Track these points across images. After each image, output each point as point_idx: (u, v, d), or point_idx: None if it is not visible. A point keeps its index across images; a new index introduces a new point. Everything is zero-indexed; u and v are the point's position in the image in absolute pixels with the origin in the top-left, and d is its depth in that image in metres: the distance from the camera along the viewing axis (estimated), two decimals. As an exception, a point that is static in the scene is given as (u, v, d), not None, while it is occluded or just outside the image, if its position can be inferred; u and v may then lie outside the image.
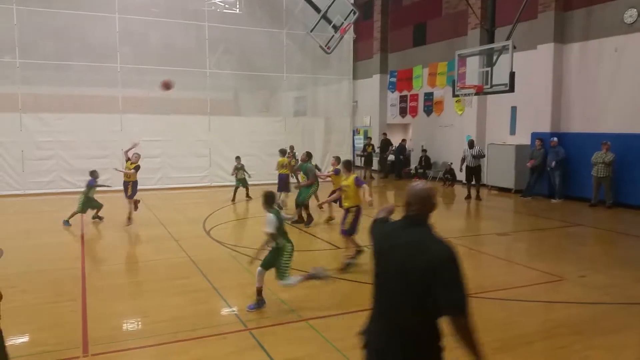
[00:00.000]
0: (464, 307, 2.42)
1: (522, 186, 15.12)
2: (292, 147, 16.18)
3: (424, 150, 19.76)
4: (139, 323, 5.56)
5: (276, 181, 13.84)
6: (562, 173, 14.03)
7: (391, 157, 21.37)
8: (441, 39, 19.19)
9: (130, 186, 10.99)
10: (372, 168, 21.48)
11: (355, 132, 23.11)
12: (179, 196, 15.59)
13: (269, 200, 5.78)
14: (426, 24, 20.22)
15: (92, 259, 8.23)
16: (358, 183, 7.65)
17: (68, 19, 16.01)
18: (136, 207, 11.18)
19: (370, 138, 21.87)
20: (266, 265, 5.79)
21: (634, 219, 11.77)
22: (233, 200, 14.26)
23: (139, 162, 11.11)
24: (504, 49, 12.14)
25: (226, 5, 19.06)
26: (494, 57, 12.52)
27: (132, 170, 10.86)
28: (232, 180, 15.30)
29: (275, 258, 5.76)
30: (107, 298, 6.27)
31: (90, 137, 16.22)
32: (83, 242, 9.36)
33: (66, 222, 10.77)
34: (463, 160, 14.65)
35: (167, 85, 10.88)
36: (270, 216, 5.63)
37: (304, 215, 10.95)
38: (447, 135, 19.07)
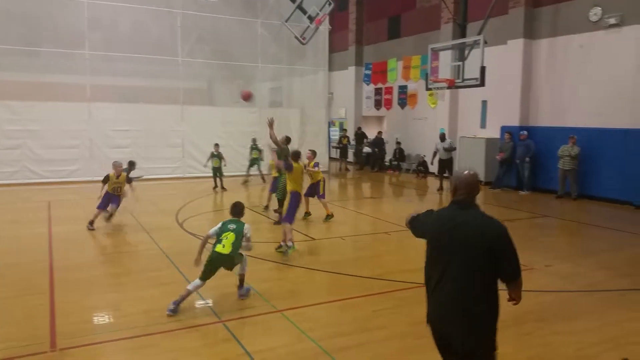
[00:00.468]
0: (520, 274, 2.96)
1: (491, 178, 15.43)
2: (254, 140, 15.91)
3: (398, 143, 19.93)
4: (110, 316, 5.48)
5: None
6: (530, 166, 14.37)
7: (366, 149, 21.49)
8: (415, 33, 19.33)
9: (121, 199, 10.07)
10: (348, 160, 21.57)
11: (330, 123, 23.14)
12: (151, 187, 15.31)
13: (233, 210, 6.01)
14: (400, 17, 20.33)
15: (61, 251, 8.05)
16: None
17: (35, 4, 15.48)
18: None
19: (346, 130, 21.95)
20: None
21: (598, 210, 12.17)
22: (215, 187, 14.31)
23: (126, 173, 10.02)
24: (475, 44, 12.28)
25: (199, -7, 18.74)
26: (466, 52, 12.66)
27: (127, 186, 9.84)
28: (205, 172, 15.12)
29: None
30: (76, 291, 6.16)
31: (57, 126, 15.78)
32: (51, 235, 9.14)
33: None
34: (435, 153, 14.85)
35: (247, 96, 10.71)
36: (219, 224, 5.81)
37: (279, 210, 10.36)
38: (421, 128, 19.27)
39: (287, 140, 11.40)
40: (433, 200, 13.97)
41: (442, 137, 14.89)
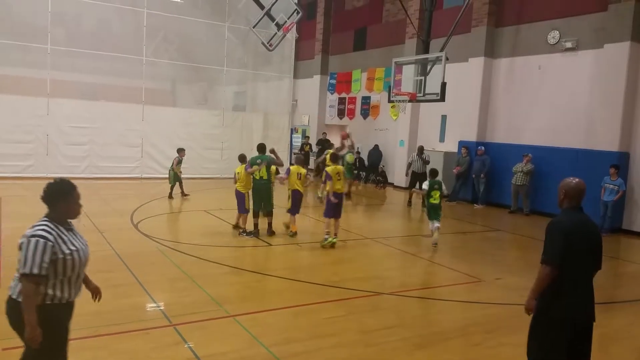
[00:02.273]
0: None
1: (448, 191, 15.81)
2: (181, 151, 13.60)
3: (358, 153, 20.12)
4: (57, 317, 5.32)
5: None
6: (486, 181, 14.83)
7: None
8: (380, 46, 19.67)
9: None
10: (309, 167, 21.62)
11: (293, 130, 23.21)
12: (107, 187, 14.97)
13: (432, 173, 9.70)
14: (367, 29, 20.66)
15: (9, 249, 7.74)
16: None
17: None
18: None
19: (308, 137, 22.06)
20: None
21: (547, 226, 12.64)
22: (170, 195, 13.14)
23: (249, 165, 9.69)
24: (437, 60, 12.62)
25: (167, -7, 18.55)
26: (428, 67, 12.98)
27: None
28: (164, 173, 14.80)
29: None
30: (22, 291, 5.94)
31: (13, 121, 15.22)
32: (0, 232, 8.78)
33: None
34: (409, 165, 14.87)
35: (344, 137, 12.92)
36: (428, 182, 9.46)
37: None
38: (382, 139, 19.57)
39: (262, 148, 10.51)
40: (390, 211, 14.21)
41: (421, 150, 14.82)
